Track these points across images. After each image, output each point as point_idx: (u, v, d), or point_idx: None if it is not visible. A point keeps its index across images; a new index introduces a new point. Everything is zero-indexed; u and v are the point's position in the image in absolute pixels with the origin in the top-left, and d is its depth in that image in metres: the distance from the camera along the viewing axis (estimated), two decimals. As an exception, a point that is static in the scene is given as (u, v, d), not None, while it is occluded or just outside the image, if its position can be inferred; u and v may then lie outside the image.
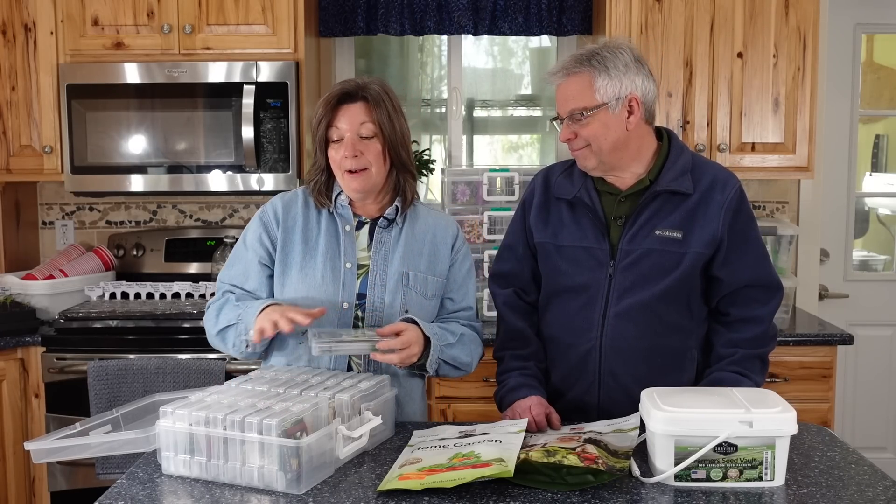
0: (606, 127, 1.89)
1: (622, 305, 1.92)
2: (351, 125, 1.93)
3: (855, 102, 3.83)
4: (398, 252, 2.00)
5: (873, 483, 1.56)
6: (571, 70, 1.91)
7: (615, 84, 1.88)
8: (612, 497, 1.49)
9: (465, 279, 2.09)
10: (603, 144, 1.90)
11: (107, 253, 3.52)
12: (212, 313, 2.00)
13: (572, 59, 1.92)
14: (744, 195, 1.95)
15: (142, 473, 1.62)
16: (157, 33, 3.21)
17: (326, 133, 1.94)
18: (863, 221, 4.03)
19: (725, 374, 1.91)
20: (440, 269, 2.04)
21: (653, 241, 1.91)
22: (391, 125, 1.95)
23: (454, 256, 2.07)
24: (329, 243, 1.98)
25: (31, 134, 3.30)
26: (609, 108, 1.88)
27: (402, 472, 1.54)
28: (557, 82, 1.94)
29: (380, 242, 2.01)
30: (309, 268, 1.96)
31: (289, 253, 1.98)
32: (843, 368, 3.74)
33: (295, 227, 2.00)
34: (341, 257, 1.98)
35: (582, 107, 1.89)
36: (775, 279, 1.97)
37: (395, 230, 2.02)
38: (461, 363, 2.00)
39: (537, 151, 4.07)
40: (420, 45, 3.89)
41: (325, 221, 2.01)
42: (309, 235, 1.99)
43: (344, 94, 1.94)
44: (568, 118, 1.91)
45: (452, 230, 2.09)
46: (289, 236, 1.99)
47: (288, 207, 2.02)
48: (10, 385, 3.04)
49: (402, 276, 1.99)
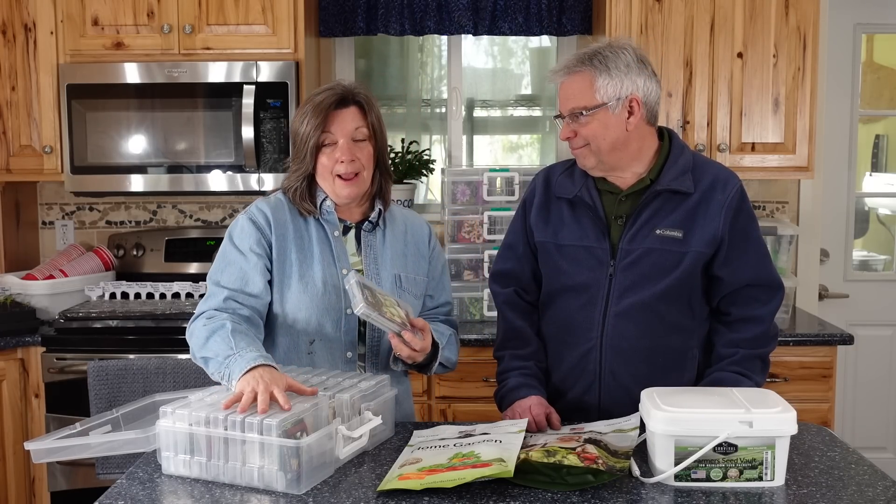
0: (606, 127, 1.89)
1: (623, 305, 1.92)
2: (345, 130, 1.93)
3: (855, 102, 3.83)
4: (386, 254, 2.02)
5: (873, 483, 1.56)
6: (573, 69, 1.91)
7: (616, 84, 1.88)
8: (612, 497, 1.49)
9: (441, 275, 2.13)
10: (602, 144, 1.90)
11: (107, 253, 3.52)
12: (201, 332, 1.82)
13: (574, 58, 1.92)
14: (745, 194, 1.95)
15: (142, 473, 1.63)
16: (157, 33, 3.21)
17: (319, 138, 1.93)
18: (863, 221, 4.03)
19: (726, 374, 1.91)
20: (422, 267, 2.08)
21: (653, 241, 1.91)
22: (381, 128, 2.00)
23: (431, 254, 2.10)
24: (322, 250, 1.97)
25: (31, 134, 3.30)
26: (609, 108, 1.88)
27: (402, 472, 1.54)
28: (559, 81, 1.94)
29: (368, 246, 2.01)
30: (308, 276, 1.94)
31: (284, 261, 1.95)
32: (843, 368, 3.74)
33: (287, 234, 1.96)
34: (336, 264, 1.97)
35: (582, 106, 1.89)
36: (776, 279, 1.97)
37: (379, 233, 2.03)
38: (451, 363, 2.05)
39: (537, 151, 4.07)
40: (420, 45, 3.89)
41: (314, 227, 1.99)
42: (302, 243, 1.96)
43: (338, 99, 1.93)
44: (568, 117, 1.91)
45: (426, 228, 2.13)
46: (283, 244, 1.95)
47: (276, 213, 1.97)
48: (10, 385, 3.04)
49: (395, 278, 2.01)
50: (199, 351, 1.83)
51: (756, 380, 1.92)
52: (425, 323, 1.91)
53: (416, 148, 3.64)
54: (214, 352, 1.77)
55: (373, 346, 1.99)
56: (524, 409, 1.89)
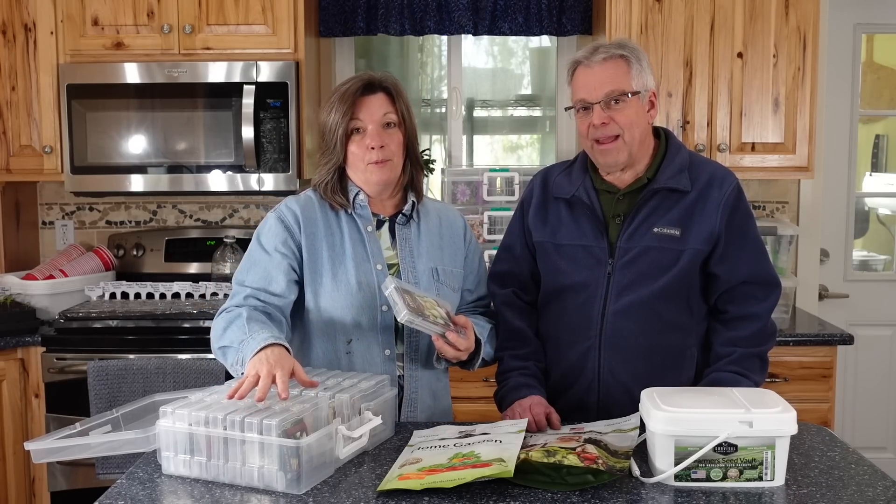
0: (638, 115, 1.90)
1: (621, 303, 1.92)
2: (373, 116, 1.90)
3: (855, 102, 3.83)
4: (422, 248, 2.00)
5: (873, 483, 1.55)
6: (612, 53, 1.90)
7: (644, 76, 1.91)
8: (612, 497, 1.49)
9: (479, 269, 2.11)
10: (635, 134, 1.90)
11: (107, 253, 3.52)
12: (220, 324, 1.86)
13: (608, 45, 1.92)
14: (741, 192, 1.95)
15: (142, 473, 1.62)
16: (157, 33, 3.21)
17: (348, 126, 1.90)
18: (863, 221, 4.03)
19: (724, 374, 1.90)
20: (459, 260, 2.05)
21: (651, 239, 1.91)
22: (409, 116, 1.97)
23: (468, 247, 2.08)
24: (355, 246, 1.94)
25: (31, 134, 3.30)
26: (640, 98, 1.90)
27: (402, 472, 1.54)
28: (594, 65, 1.90)
29: (403, 240, 1.99)
30: (341, 274, 1.91)
31: (316, 260, 1.92)
32: (843, 368, 3.74)
33: (317, 232, 1.93)
34: (370, 260, 1.94)
35: (621, 90, 1.88)
36: (773, 276, 1.97)
37: (413, 226, 2.01)
38: (490, 357, 2.03)
39: (537, 151, 4.07)
40: (420, 45, 3.89)
41: (346, 224, 1.96)
42: (333, 240, 1.94)
43: (364, 85, 1.91)
44: (603, 102, 1.89)
45: (460, 221, 2.11)
46: (313, 242, 1.93)
47: (306, 211, 1.94)
48: (10, 385, 3.04)
49: (431, 271, 1.98)
50: (216, 342, 1.85)
51: (755, 379, 1.91)
52: (467, 320, 1.89)
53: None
54: (230, 340, 1.79)
55: (411, 343, 1.96)
56: (524, 408, 1.89)
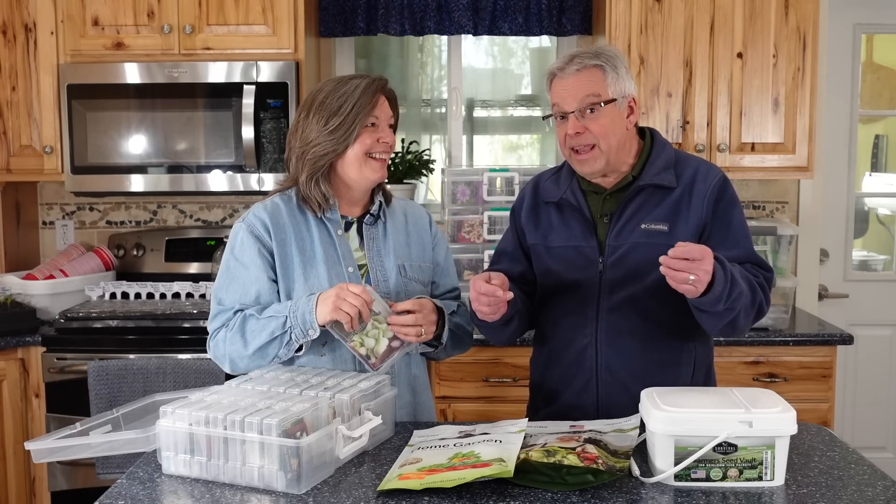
0: (614, 123, 1.91)
1: (614, 300, 1.94)
2: (386, 115, 1.98)
3: (855, 102, 3.83)
4: (389, 246, 2.02)
5: (873, 483, 1.56)
6: (585, 63, 1.91)
7: (621, 83, 1.92)
8: (612, 497, 1.49)
9: (446, 261, 2.14)
10: (612, 142, 1.91)
11: (107, 253, 3.52)
12: (233, 338, 1.87)
13: (583, 54, 1.93)
14: (727, 183, 1.95)
15: (142, 473, 1.63)
16: (157, 33, 3.21)
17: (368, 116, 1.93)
18: (862, 221, 4.03)
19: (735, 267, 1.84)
20: (426, 255, 2.09)
21: (639, 235, 1.93)
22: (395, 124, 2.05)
23: (434, 240, 2.12)
24: (326, 250, 1.96)
25: (32, 134, 3.30)
26: (617, 105, 1.91)
27: (402, 472, 1.54)
28: (568, 75, 1.92)
29: (371, 240, 2.02)
30: (313, 279, 1.93)
31: (288, 266, 1.94)
32: (842, 368, 3.74)
33: (287, 238, 1.95)
34: (342, 262, 1.96)
35: (596, 100, 1.89)
36: (764, 261, 1.96)
37: (381, 225, 2.04)
38: (465, 332, 2.05)
39: (537, 151, 4.07)
40: (420, 45, 3.89)
41: (315, 227, 1.97)
42: (304, 245, 1.95)
43: (384, 85, 1.97)
44: (577, 112, 1.90)
45: (425, 216, 2.14)
46: (283, 248, 1.94)
47: (274, 218, 1.95)
48: (11, 385, 3.04)
49: (399, 268, 2.01)
50: (246, 350, 1.86)
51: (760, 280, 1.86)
52: (414, 301, 1.89)
53: (416, 148, 3.64)
54: (266, 332, 1.84)
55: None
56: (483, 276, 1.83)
